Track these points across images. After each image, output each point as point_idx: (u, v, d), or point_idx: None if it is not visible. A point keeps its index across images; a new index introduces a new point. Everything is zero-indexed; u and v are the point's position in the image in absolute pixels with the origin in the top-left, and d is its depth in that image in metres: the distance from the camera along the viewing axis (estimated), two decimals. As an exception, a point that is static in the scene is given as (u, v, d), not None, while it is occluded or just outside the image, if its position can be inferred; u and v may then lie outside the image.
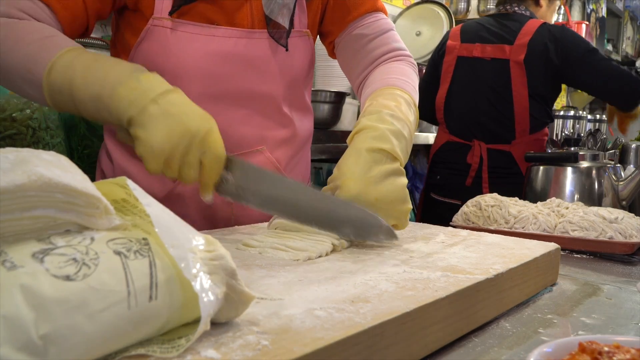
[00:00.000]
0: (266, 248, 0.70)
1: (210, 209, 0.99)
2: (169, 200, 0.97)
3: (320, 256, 0.69)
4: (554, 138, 2.54)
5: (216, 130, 0.75)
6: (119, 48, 0.99)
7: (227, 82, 0.96)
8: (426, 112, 2.05)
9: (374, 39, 1.07)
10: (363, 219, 0.75)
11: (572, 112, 2.63)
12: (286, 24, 0.97)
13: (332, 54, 1.15)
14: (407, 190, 0.82)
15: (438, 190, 2.10)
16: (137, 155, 0.75)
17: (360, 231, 0.75)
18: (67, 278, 0.34)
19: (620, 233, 1.03)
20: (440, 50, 2.14)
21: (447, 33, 2.18)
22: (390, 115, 0.86)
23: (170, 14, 0.91)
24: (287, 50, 0.99)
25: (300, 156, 1.11)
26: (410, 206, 0.83)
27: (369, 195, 0.79)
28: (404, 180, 0.82)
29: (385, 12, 1.11)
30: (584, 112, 2.90)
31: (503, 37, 2.01)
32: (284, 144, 1.04)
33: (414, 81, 1.03)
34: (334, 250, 0.73)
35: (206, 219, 1.00)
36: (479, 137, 2.05)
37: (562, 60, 1.96)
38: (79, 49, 0.80)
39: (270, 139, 1.02)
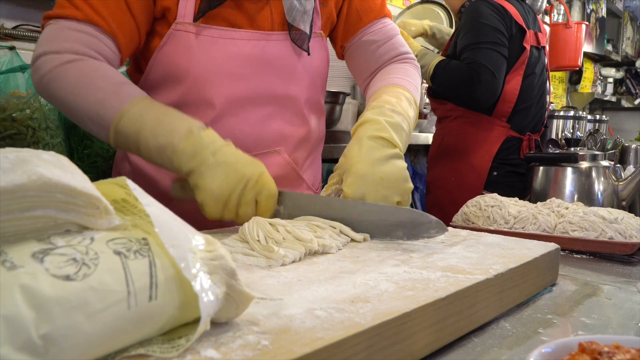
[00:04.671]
0: (237, 254, 0.67)
1: None
2: (184, 200, 0.99)
3: (294, 261, 0.67)
4: (554, 138, 2.54)
5: (267, 173, 0.82)
6: (139, 52, 1.01)
7: (247, 84, 0.99)
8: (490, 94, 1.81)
9: (383, 45, 1.14)
10: (413, 220, 0.78)
11: (572, 112, 2.63)
12: (307, 30, 1.02)
13: (340, 56, 1.21)
14: (407, 172, 0.90)
15: (493, 189, 1.87)
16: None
17: (412, 231, 0.78)
18: (67, 278, 0.34)
19: (620, 233, 1.03)
20: (509, 31, 1.86)
21: (503, 9, 1.85)
22: (391, 110, 0.94)
23: (196, 20, 0.94)
24: (309, 54, 1.05)
25: (314, 156, 1.16)
26: (412, 185, 0.90)
27: (376, 175, 0.86)
28: (404, 163, 0.90)
29: (390, 17, 1.18)
30: (584, 112, 2.90)
31: (537, 24, 2.03)
32: (300, 145, 1.08)
33: (416, 81, 1.11)
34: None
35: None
36: (532, 130, 2.02)
37: None
38: (147, 100, 0.85)
39: (289, 139, 1.05)
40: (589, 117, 3.31)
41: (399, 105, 0.97)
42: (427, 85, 2.09)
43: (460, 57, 1.85)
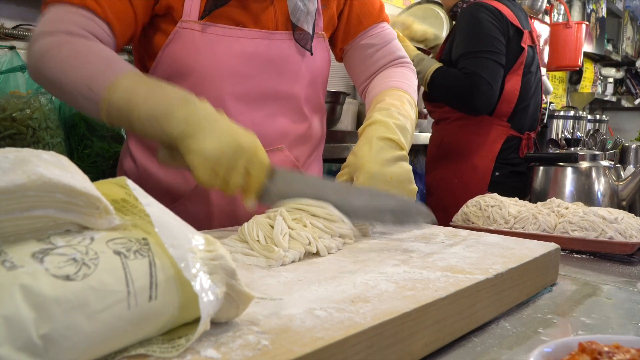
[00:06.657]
0: (237, 254, 0.67)
1: (232, 206, 1.03)
2: (192, 198, 1.00)
3: (293, 261, 0.67)
4: (554, 138, 2.54)
5: (260, 146, 0.81)
6: (143, 49, 1.02)
7: (251, 82, 1.00)
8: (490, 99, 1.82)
9: (381, 49, 1.18)
10: (402, 206, 0.82)
11: (572, 112, 2.63)
12: (310, 30, 1.04)
13: (339, 58, 1.24)
14: (412, 174, 0.93)
15: (494, 189, 1.81)
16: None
17: (400, 217, 0.81)
18: (67, 278, 0.34)
19: (620, 233, 1.03)
20: (507, 34, 1.87)
21: (499, 13, 1.87)
22: (397, 113, 0.98)
23: (202, 18, 0.95)
24: (312, 54, 1.06)
25: (316, 155, 1.18)
26: (416, 187, 0.92)
27: (385, 174, 0.89)
28: (410, 166, 0.94)
29: (388, 22, 1.21)
30: (584, 112, 2.90)
31: (528, 23, 2.04)
32: (302, 143, 1.10)
33: (414, 84, 1.15)
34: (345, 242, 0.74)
35: (228, 217, 1.03)
36: (530, 128, 2.02)
37: None
38: (139, 74, 0.85)
39: (290, 137, 1.07)
40: (589, 117, 3.31)
41: (403, 108, 1.00)
42: (423, 90, 2.09)
43: (457, 63, 1.85)
